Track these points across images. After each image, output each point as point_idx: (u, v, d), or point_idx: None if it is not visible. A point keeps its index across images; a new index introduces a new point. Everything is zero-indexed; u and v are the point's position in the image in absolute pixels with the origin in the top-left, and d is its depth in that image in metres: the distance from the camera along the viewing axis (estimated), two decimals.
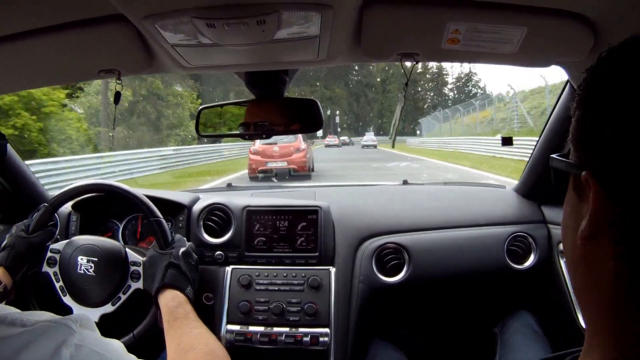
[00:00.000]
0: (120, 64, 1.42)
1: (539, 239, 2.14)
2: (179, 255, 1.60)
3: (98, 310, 1.64)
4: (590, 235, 0.55)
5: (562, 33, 1.21)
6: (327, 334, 1.86)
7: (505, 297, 2.27)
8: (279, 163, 15.04)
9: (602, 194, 0.53)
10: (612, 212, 0.52)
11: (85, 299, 1.64)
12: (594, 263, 0.56)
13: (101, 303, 1.64)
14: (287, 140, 15.35)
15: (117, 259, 1.65)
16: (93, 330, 0.81)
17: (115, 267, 1.64)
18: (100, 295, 1.63)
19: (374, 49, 1.36)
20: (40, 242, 1.68)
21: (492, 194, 2.52)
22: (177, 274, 1.54)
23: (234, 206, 2.10)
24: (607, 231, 0.53)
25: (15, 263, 1.60)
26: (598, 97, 0.56)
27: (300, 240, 2.04)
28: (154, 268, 1.57)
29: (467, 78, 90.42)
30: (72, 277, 1.64)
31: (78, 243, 1.67)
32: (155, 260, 1.59)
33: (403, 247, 2.09)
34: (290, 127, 1.71)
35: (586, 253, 0.57)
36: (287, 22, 1.10)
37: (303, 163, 15.33)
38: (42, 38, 1.21)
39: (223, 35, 1.13)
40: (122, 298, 1.64)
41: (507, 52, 1.30)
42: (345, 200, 2.37)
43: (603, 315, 0.56)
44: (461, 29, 1.20)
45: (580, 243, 0.57)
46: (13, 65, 1.40)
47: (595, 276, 0.56)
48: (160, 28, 1.11)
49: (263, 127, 1.68)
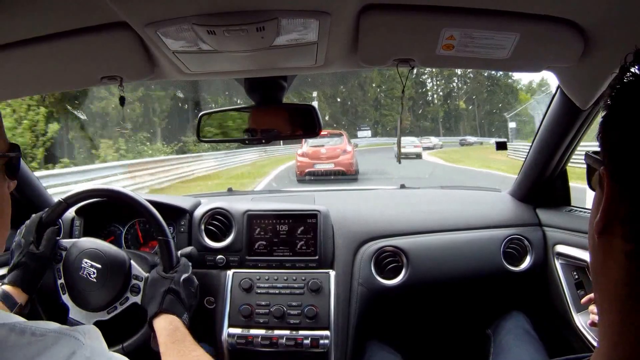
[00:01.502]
0: (123, 71, 1.44)
1: (534, 241, 2.17)
2: (180, 281, 1.59)
3: (93, 316, 1.64)
4: (603, 228, 0.57)
5: (554, 39, 1.23)
6: (328, 336, 1.87)
7: (501, 299, 2.29)
8: (326, 165, 15.14)
9: (614, 189, 0.55)
10: (622, 208, 0.54)
11: (83, 302, 1.65)
12: (607, 256, 0.58)
13: (97, 309, 1.64)
14: (333, 143, 15.67)
15: (121, 269, 1.65)
16: (100, 342, 0.82)
17: (117, 277, 1.64)
18: (98, 301, 1.64)
19: (371, 55, 1.38)
20: (49, 255, 1.66)
21: (488, 197, 2.55)
22: (175, 300, 1.54)
23: (235, 211, 2.12)
24: (619, 226, 0.55)
25: (31, 282, 1.59)
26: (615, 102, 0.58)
27: (300, 244, 2.06)
28: (153, 290, 1.57)
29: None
30: (74, 277, 1.64)
31: (85, 245, 1.68)
32: (156, 283, 1.59)
33: (401, 250, 2.11)
34: (289, 132, 1.73)
35: (601, 246, 0.59)
36: (285, 29, 1.13)
37: (350, 165, 15.31)
38: (45, 45, 1.23)
39: (223, 41, 1.15)
40: (118, 309, 1.64)
41: (500, 58, 1.32)
42: (344, 204, 2.39)
43: (613, 312, 0.57)
44: (456, 35, 1.22)
45: (596, 236, 0.59)
46: (17, 72, 1.41)
47: (609, 270, 0.58)
48: (161, 35, 1.13)
49: (264, 132, 1.71)
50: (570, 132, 1.82)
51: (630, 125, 0.54)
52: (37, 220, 1.67)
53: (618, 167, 0.55)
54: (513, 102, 69.27)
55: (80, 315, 1.65)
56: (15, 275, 1.56)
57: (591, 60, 1.30)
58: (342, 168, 15.08)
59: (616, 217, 0.55)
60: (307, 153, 15.49)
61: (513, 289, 2.25)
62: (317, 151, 15.38)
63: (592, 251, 0.63)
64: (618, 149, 0.55)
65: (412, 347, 2.20)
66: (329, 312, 1.91)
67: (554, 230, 2.13)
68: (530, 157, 2.13)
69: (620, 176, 0.54)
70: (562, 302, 2.01)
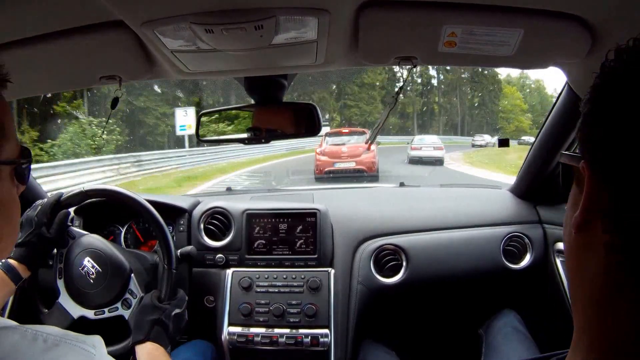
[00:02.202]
0: (121, 70, 1.43)
1: (534, 238, 2.16)
2: (171, 315, 1.58)
3: (80, 310, 1.66)
4: (583, 222, 0.57)
5: (559, 35, 1.21)
6: (327, 334, 1.88)
7: (496, 297, 2.28)
8: (347, 163, 14.72)
9: (594, 181, 0.55)
10: (603, 200, 0.54)
11: (75, 294, 1.67)
12: (586, 252, 0.57)
13: (86, 307, 1.66)
14: (355, 141, 15.36)
15: (119, 279, 1.66)
16: (106, 354, 0.83)
17: (113, 286, 1.66)
18: (88, 300, 1.66)
19: (372, 53, 1.36)
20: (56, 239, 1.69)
21: (488, 195, 2.54)
22: (162, 332, 1.52)
23: (234, 210, 2.12)
24: (599, 220, 0.54)
25: (35, 261, 1.62)
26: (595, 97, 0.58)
27: (299, 242, 2.06)
28: (143, 315, 1.55)
29: None
30: (72, 269, 1.67)
31: (92, 244, 1.70)
32: (148, 309, 1.57)
33: (401, 249, 2.11)
34: (290, 131, 1.72)
35: (579, 242, 0.58)
36: (284, 27, 1.12)
37: (372, 164, 14.97)
38: (43, 45, 1.22)
39: (221, 40, 1.14)
40: (106, 315, 1.66)
41: (504, 55, 1.30)
42: (343, 202, 2.39)
43: (591, 310, 0.56)
44: (457, 32, 1.21)
45: (574, 231, 0.58)
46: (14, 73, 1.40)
47: (586, 266, 0.57)
48: (159, 34, 1.12)
49: (264, 132, 1.70)
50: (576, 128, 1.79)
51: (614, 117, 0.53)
52: (53, 202, 1.69)
53: (599, 159, 0.55)
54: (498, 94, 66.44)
55: (68, 304, 1.67)
56: (22, 252, 1.59)
57: (599, 55, 1.28)
58: (363, 167, 14.67)
59: (596, 210, 0.55)
60: (326, 152, 15.14)
61: (512, 287, 2.24)
62: (338, 150, 15.01)
63: (568, 249, 0.63)
64: (601, 141, 0.55)
65: (406, 347, 2.20)
66: (329, 311, 1.91)
67: (554, 227, 2.13)
68: (533, 154, 2.11)
69: (601, 167, 0.54)
70: (562, 300, 2.00)
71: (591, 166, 0.56)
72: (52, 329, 0.77)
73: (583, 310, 0.58)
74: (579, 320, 0.60)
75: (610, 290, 0.53)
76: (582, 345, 0.58)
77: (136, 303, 1.65)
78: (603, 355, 0.54)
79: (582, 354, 0.57)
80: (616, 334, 0.53)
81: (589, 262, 0.56)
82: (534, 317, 2.13)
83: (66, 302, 1.67)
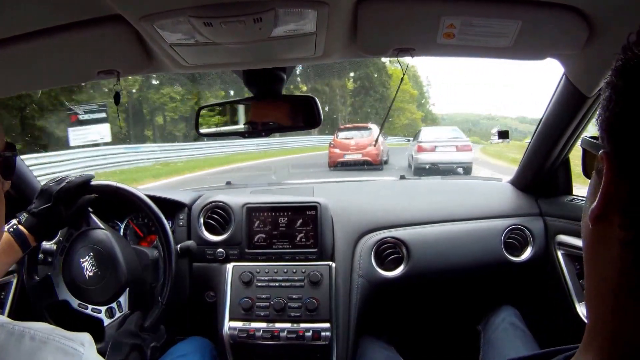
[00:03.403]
0: (119, 65, 1.42)
1: (535, 231, 2.16)
2: (149, 347, 1.59)
3: (66, 293, 1.69)
4: (600, 215, 0.54)
5: (557, 26, 1.22)
6: (329, 328, 1.87)
7: (496, 292, 2.28)
8: (355, 155, 16.08)
9: (614, 172, 0.52)
10: (622, 193, 0.51)
11: (67, 278, 1.69)
12: (600, 246, 0.55)
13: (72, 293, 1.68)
14: (360, 135, 16.88)
15: (113, 289, 1.67)
16: (95, 352, 0.82)
17: (105, 292, 1.67)
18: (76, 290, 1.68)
19: (370, 44, 1.37)
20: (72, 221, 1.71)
21: (488, 187, 2.54)
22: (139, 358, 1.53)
23: (234, 204, 2.12)
24: (617, 213, 0.52)
25: (43, 233, 1.61)
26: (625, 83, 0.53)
27: (299, 236, 2.05)
28: (124, 338, 1.56)
29: None
30: (72, 256, 1.68)
31: (103, 241, 1.70)
32: (128, 334, 1.57)
33: (401, 242, 2.10)
34: (289, 124, 1.71)
35: (595, 234, 0.56)
36: (283, 20, 1.11)
37: (376, 155, 16.20)
38: (40, 40, 1.21)
39: (220, 33, 1.14)
40: (85, 312, 1.67)
41: (503, 46, 1.31)
42: (344, 195, 2.38)
43: (605, 306, 0.54)
44: (456, 23, 1.21)
45: (591, 223, 0.56)
46: (11, 68, 1.39)
47: (601, 261, 0.55)
48: (158, 28, 1.12)
49: (264, 125, 1.69)
50: (575, 119, 1.79)
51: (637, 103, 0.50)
52: (80, 183, 1.68)
53: (620, 149, 0.52)
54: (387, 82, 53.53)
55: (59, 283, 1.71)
56: (34, 222, 1.58)
57: (596, 46, 1.29)
58: (369, 158, 15.89)
59: (614, 203, 0.52)
60: (338, 144, 16.75)
61: (512, 281, 2.24)
62: (348, 143, 16.57)
63: (585, 241, 0.60)
64: (622, 128, 0.52)
65: (405, 343, 2.20)
66: (330, 305, 1.90)
67: (555, 219, 2.12)
68: (532, 146, 2.11)
69: (622, 158, 0.51)
70: (563, 292, 2.00)
71: (611, 156, 0.53)
72: (40, 326, 0.76)
73: (597, 308, 0.57)
74: (592, 317, 0.58)
75: (625, 289, 0.51)
76: (595, 344, 0.56)
77: (119, 317, 1.65)
78: (616, 356, 0.53)
79: (594, 352, 0.55)
80: (631, 336, 0.51)
81: (603, 257, 0.55)
82: (533, 313, 2.12)
83: (57, 279, 1.69)
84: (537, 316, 2.12)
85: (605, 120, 0.54)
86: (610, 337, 0.53)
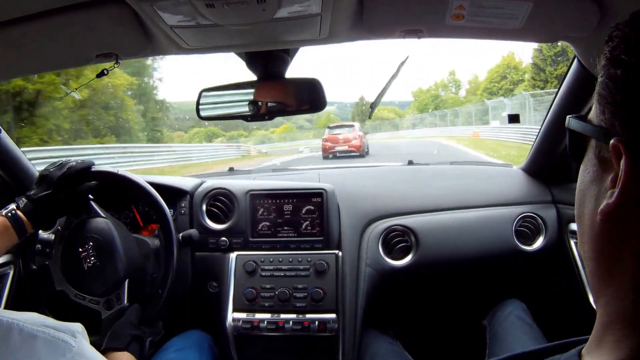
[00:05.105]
0: (118, 47, 1.39)
1: (548, 219, 2.12)
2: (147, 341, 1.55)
3: (63, 283, 1.63)
4: (617, 210, 0.50)
5: (568, 8, 1.20)
6: (335, 319, 1.85)
7: (511, 282, 2.25)
8: (343, 146, 21.29)
9: (635, 163, 0.48)
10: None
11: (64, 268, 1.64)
12: (613, 244, 0.51)
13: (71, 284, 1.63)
14: (346, 131, 22.14)
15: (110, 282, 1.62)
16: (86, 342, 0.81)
17: (102, 285, 1.61)
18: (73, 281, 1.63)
19: (377, 26, 1.34)
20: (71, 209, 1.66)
21: (499, 173, 2.49)
22: (138, 350, 1.49)
23: (237, 190, 2.08)
24: (634, 207, 0.48)
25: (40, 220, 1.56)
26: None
27: (305, 224, 2.02)
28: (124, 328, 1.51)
29: None
30: (73, 245, 1.62)
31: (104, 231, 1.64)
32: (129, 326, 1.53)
33: (410, 230, 2.07)
34: (294, 107, 1.67)
35: (605, 230, 0.52)
36: (287, 0, 1.08)
37: (359, 147, 21.33)
38: (37, 23, 1.19)
39: (222, 15, 1.11)
40: (84, 302, 1.62)
41: (513, 28, 1.29)
42: (350, 182, 2.34)
43: (620, 301, 0.51)
44: (465, 5, 1.19)
45: (602, 218, 0.52)
46: (8, 52, 1.37)
47: (614, 259, 0.52)
48: (158, 9, 1.09)
49: (267, 108, 1.66)
50: (588, 103, 1.75)
51: None
52: (81, 169, 1.63)
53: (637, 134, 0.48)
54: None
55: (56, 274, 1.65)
56: (31, 208, 1.53)
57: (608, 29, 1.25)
58: (353, 149, 21.20)
59: (632, 198, 0.48)
60: (329, 139, 22.04)
61: (522, 271, 2.22)
62: (337, 137, 21.77)
63: (589, 236, 0.56)
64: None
65: (411, 336, 2.17)
66: (336, 295, 1.88)
67: (568, 207, 2.09)
68: (544, 131, 2.06)
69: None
70: (575, 283, 1.97)
71: (631, 147, 0.48)
72: (29, 316, 0.75)
73: (611, 302, 0.53)
74: (602, 314, 0.55)
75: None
76: (608, 342, 0.53)
77: (117, 309, 1.60)
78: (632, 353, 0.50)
79: (609, 347, 0.52)
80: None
81: (617, 254, 0.51)
82: (540, 307, 2.08)
83: (55, 268, 1.65)
84: (544, 309, 2.09)
85: (620, 104, 0.50)
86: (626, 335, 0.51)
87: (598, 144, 0.55)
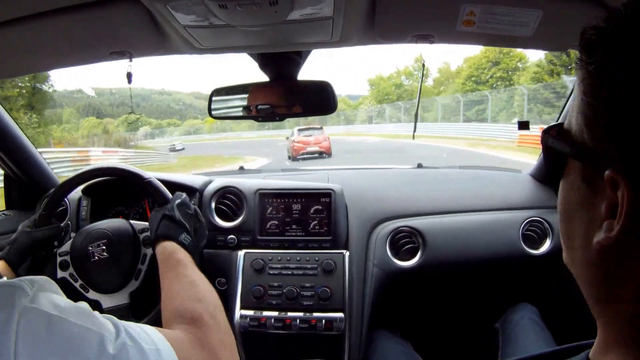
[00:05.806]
0: (132, 46, 1.41)
1: (555, 223, 2.11)
2: (174, 207, 1.55)
3: (125, 291, 1.61)
4: (618, 242, 0.48)
5: (579, 17, 1.18)
6: (342, 318, 1.86)
7: (519, 286, 2.25)
8: (314, 147, 22.90)
9: (635, 192, 0.45)
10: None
11: (108, 285, 1.61)
12: (617, 269, 0.50)
13: (124, 282, 1.61)
14: (317, 134, 23.89)
15: (125, 233, 1.63)
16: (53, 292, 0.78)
17: (126, 242, 1.62)
18: (121, 274, 1.61)
19: (389, 30, 1.34)
20: (44, 238, 1.63)
21: (507, 178, 2.49)
22: (170, 224, 1.48)
23: (246, 189, 2.10)
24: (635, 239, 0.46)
25: (17, 257, 1.56)
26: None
27: (313, 223, 2.04)
28: (152, 224, 1.53)
29: None
30: (88, 269, 1.60)
31: (83, 233, 1.64)
32: (153, 217, 1.54)
33: (417, 231, 2.07)
34: (304, 109, 1.68)
35: (607, 257, 0.50)
36: (300, 3, 1.09)
37: (328, 148, 23.20)
38: (53, 19, 1.20)
39: (235, 16, 1.11)
40: (143, 269, 1.62)
41: (523, 35, 1.29)
42: (359, 183, 2.35)
43: (622, 319, 0.51)
44: (476, 11, 1.19)
45: (602, 249, 0.50)
46: (25, 48, 1.39)
47: (617, 283, 0.50)
48: (171, 9, 1.10)
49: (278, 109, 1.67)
50: None
51: None
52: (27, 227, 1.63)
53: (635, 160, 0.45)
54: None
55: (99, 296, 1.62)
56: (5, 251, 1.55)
57: None
58: (323, 150, 23.04)
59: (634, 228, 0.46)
60: (300, 141, 23.36)
61: (531, 274, 2.21)
62: (308, 139, 23.40)
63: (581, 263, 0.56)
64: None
65: (420, 337, 2.17)
66: (344, 294, 1.89)
67: None
68: None
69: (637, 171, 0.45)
70: None
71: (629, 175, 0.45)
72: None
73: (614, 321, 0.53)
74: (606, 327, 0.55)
75: None
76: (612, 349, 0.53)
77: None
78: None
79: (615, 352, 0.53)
80: None
81: (617, 282, 0.50)
82: (552, 310, 2.09)
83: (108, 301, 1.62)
84: (556, 314, 2.09)
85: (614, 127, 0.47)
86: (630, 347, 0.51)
87: (584, 165, 0.53)
